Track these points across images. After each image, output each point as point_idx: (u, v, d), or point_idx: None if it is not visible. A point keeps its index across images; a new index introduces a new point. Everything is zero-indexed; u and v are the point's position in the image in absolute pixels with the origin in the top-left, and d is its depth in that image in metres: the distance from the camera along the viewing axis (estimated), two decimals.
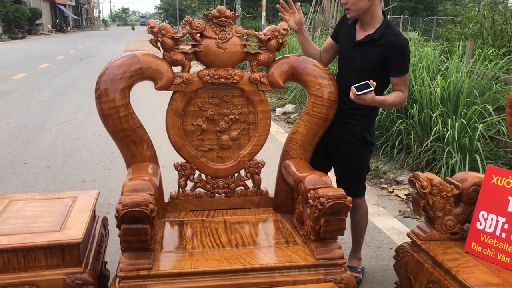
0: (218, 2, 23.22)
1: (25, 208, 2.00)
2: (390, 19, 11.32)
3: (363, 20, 2.29)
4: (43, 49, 21.21)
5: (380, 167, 4.50)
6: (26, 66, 13.55)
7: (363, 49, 2.29)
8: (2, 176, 4.12)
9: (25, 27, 35.34)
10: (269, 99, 8.53)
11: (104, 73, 2.04)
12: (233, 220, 2.18)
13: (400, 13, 24.43)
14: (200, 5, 29.78)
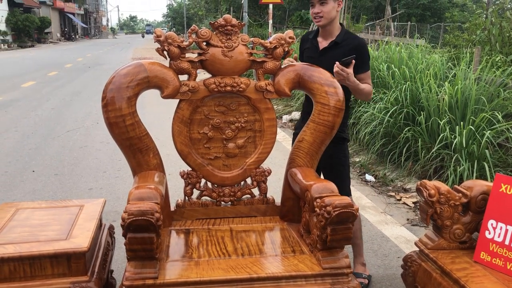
0: (225, 10, 23.35)
1: (32, 216, 2.01)
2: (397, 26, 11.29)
3: (327, 30, 2.55)
4: (52, 57, 21.42)
5: (387, 175, 4.47)
6: (35, 74, 13.68)
7: (329, 54, 2.52)
8: (10, 183, 4.14)
9: (34, 36, 35.75)
10: (275, 106, 8.56)
11: (111, 82, 2.04)
12: (239, 228, 2.17)
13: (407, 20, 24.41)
14: (207, 13, 29.97)
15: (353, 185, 4.32)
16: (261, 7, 19.62)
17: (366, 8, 30.82)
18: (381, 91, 5.15)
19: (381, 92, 5.11)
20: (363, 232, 3.25)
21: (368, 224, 3.42)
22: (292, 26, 21.79)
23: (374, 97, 5.16)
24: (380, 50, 6.22)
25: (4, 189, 4.02)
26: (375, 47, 6.81)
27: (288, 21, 24.00)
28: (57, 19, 46.25)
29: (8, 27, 31.47)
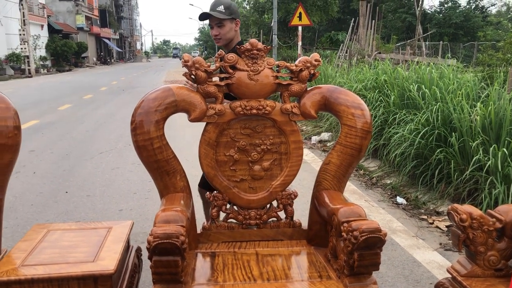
0: (255, 34, 23.66)
1: (62, 237, 2.05)
2: (428, 45, 11.18)
3: (228, 48, 2.82)
4: (88, 81, 22.12)
5: (419, 197, 4.37)
6: (71, 97, 14.14)
7: None
8: (44, 204, 4.25)
9: (72, 60, 37.10)
10: (304, 127, 8.54)
11: (140, 106, 2.09)
12: (265, 252, 2.15)
13: (439, 39, 24.16)
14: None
15: (384, 208, 4.23)
16: (290, 29, 19.80)
17: (397, 28, 30.69)
18: (412, 112, 5.07)
19: (412, 113, 5.03)
20: (394, 257, 3.18)
21: (399, 249, 3.33)
22: (321, 47, 21.88)
23: (405, 118, 5.09)
24: (411, 71, 6.15)
25: (38, 210, 4.13)
26: (405, 68, 6.74)
27: (318, 43, 24.11)
28: (93, 44, 47.91)
29: (48, 53, 32.79)
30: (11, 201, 4.35)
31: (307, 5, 19.92)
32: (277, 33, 15.98)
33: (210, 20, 2.77)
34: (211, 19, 2.76)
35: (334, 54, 15.41)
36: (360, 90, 6.40)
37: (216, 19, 2.75)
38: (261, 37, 21.59)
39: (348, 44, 13.89)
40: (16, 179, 5.12)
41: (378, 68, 6.83)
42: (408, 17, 28.99)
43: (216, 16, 2.74)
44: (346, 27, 16.18)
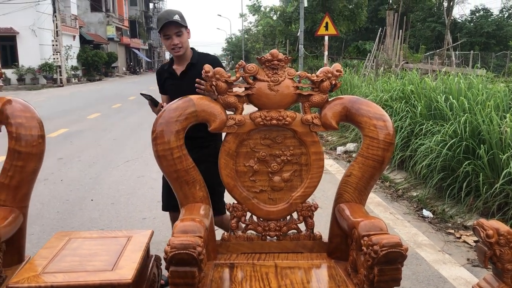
0: (280, 43, 23.72)
1: (83, 246, 2.07)
2: (458, 55, 10.90)
3: (183, 56, 2.78)
4: (117, 90, 22.55)
5: (446, 211, 4.25)
6: (100, 106, 14.44)
7: (188, 76, 2.72)
8: (70, 212, 4.33)
9: (102, 70, 37.92)
10: (330, 137, 8.47)
11: (161, 116, 2.11)
12: (284, 264, 2.12)
13: (470, 48, 23.70)
14: (265, 46, 30.56)
15: (409, 221, 4.14)
16: (317, 39, 19.75)
17: (426, 37, 30.28)
18: (439, 123, 4.96)
19: (439, 124, 4.92)
20: (418, 272, 3.10)
21: (424, 263, 3.24)
22: (348, 57, 21.75)
23: (432, 129, 4.98)
24: (438, 81, 6.03)
25: (64, 217, 4.21)
26: (433, 78, 6.62)
27: (345, 52, 23.99)
28: (123, 54, 48.93)
29: (79, 63, 33.63)
30: (38, 208, 4.45)
31: (334, 15, 19.87)
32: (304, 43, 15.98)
33: (168, 30, 2.67)
34: (168, 28, 2.66)
35: (361, 64, 15.30)
36: (386, 100, 6.31)
37: (175, 28, 2.67)
38: (287, 47, 21.62)
39: (375, 54, 13.76)
40: (44, 186, 5.24)
41: (405, 78, 6.73)
42: (438, 26, 28.58)
43: (180, 22, 2.68)
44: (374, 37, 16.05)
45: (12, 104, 2.09)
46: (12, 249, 2.10)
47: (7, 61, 26.72)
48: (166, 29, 2.67)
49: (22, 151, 2.04)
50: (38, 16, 26.59)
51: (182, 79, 2.78)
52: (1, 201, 2.07)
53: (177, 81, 2.80)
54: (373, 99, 6.72)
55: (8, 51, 26.99)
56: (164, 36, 2.71)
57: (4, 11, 24.98)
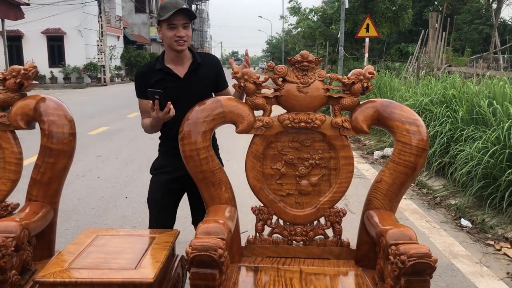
0: (321, 45, 23.51)
1: (109, 243, 2.09)
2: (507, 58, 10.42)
3: (183, 54, 2.42)
4: None
5: (486, 221, 4.07)
6: None
7: (194, 76, 2.43)
8: (104, 209, 4.42)
9: None
10: (367, 141, 8.31)
11: (189, 116, 2.11)
12: (309, 270, 2.07)
13: None
14: (304, 48, 30.40)
15: (446, 230, 3.99)
16: (357, 41, 19.44)
17: (473, 40, 29.26)
18: (481, 128, 4.75)
19: (480, 130, 4.72)
20: (453, 283, 2.97)
21: (460, 275, 3.10)
22: (390, 60, 21.30)
23: (473, 134, 4.78)
24: (481, 85, 5.79)
25: (98, 214, 4.30)
26: (476, 82, 6.37)
27: (387, 54, 23.53)
28: None
29: (122, 62, 34.51)
30: (75, 203, 4.57)
31: (377, 17, 19.48)
32: (344, 44, 15.77)
33: (175, 19, 2.29)
34: (177, 17, 2.29)
35: (403, 67, 14.94)
36: (426, 104, 6.12)
37: (183, 19, 2.32)
38: (327, 48, 21.40)
39: (418, 57, 13.41)
40: (81, 182, 5.38)
41: (446, 82, 6.51)
42: (485, 29, 27.55)
43: (191, 13, 2.36)
44: (417, 39, 15.62)
45: (45, 102, 2.14)
46: (43, 243, 2.15)
47: (55, 60, 27.73)
48: (173, 18, 2.29)
49: (53, 148, 2.09)
50: (85, 17, 27.47)
51: (187, 80, 2.42)
52: (32, 196, 2.12)
53: (180, 83, 2.41)
54: (412, 103, 6.53)
55: (56, 50, 28.01)
56: (169, 26, 2.31)
57: (53, 12, 25.95)
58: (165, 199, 2.57)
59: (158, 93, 2.16)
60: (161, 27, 2.36)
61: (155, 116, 2.21)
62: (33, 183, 2.13)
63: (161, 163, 2.58)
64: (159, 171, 2.58)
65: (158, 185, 2.56)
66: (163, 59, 2.47)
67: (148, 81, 2.41)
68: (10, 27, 22.97)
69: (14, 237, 1.77)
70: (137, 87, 2.48)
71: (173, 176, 2.50)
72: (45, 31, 27.32)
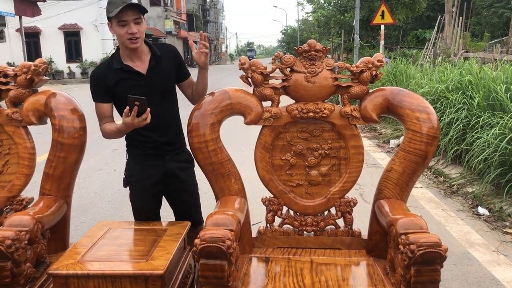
0: (336, 34, 23.28)
1: (121, 235, 2.12)
2: None
3: (140, 49, 2.25)
4: None
5: (504, 209, 4.00)
6: None
7: (157, 70, 2.29)
8: (120, 201, 4.47)
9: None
10: (383, 130, 8.22)
11: (196, 109, 2.12)
12: (320, 261, 2.07)
13: None
14: (320, 37, 30.13)
15: (463, 218, 3.93)
16: (373, 28, 19.20)
17: (493, 24, 28.62)
18: (498, 114, 4.66)
19: (497, 116, 4.62)
20: (469, 272, 2.94)
21: (476, 264, 3.06)
22: (407, 47, 21.00)
23: (490, 121, 4.69)
24: (499, 70, 5.67)
25: (114, 206, 4.35)
26: (494, 67, 6.23)
27: (403, 41, 23.18)
28: (181, 47, 49.94)
29: None
30: (92, 196, 4.63)
31: (392, 3, 19.20)
32: (360, 32, 15.59)
33: (125, 15, 2.12)
34: (126, 13, 2.12)
35: (419, 54, 14.72)
36: (442, 91, 6.02)
37: (133, 14, 2.14)
38: (343, 36, 21.18)
39: (434, 43, 13.19)
40: (98, 175, 5.46)
41: (462, 68, 6.38)
42: (506, 12, 26.89)
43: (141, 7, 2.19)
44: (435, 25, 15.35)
45: (56, 97, 2.17)
46: (57, 236, 2.20)
47: (72, 55, 28.03)
48: (122, 14, 2.11)
49: (64, 142, 2.12)
50: (100, 12, 27.59)
51: (151, 76, 2.27)
52: (46, 191, 2.16)
53: (145, 81, 2.26)
54: (428, 90, 6.43)
55: (73, 46, 28.29)
56: (119, 23, 2.14)
57: (69, 8, 26.22)
58: (153, 205, 2.50)
59: (139, 100, 2.00)
60: (112, 23, 2.18)
61: (129, 122, 2.04)
62: (45, 177, 2.16)
63: (137, 168, 2.41)
64: (137, 178, 2.40)
65: (143, 193, 2.41)
66: (119, 57, 2.27)
67: (107, 83, 2.24)
68: (27, 24, 23.31)
69: (28, 231, 1.81)
70: (93, 91, 2.28)
71: (156, 178, 2.39)
72: (62, 27, 27.60)
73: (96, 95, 2.28)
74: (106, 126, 2.28)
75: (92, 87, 2.29)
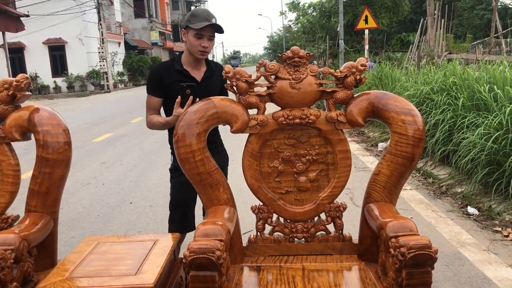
0: (322, 40, 23.44)
1: (110, 250, 2.09)
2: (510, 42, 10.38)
3: (201, 60, 2.65)
4: None
5: (493, 207, 4.03)
6: (143, 110, 14.69)
7: (209, 82, 2.64)
8: (109, 214, 4.43)
9: (147, 74, 38.75)
10: (371, 133, 8.26)
11: (182, 119, 2.11)
12: (312, 267, 2.06)
13: None
14: (305, 43, 30.33)
15: (453, 219, 3.95)
16: (358, 33, 19.37)
17: (474, 26, 29.08)
18: (482, 114, 4.71)
19: (482, 116, 4.67)
20: (461, 272, 2.95)
21: (468, 263, 3.07)
22: (391, 50, 21.20)
23: (475, 121, 4.73)
24: (481, 70, 5.74)
25: (104, 220, 4.31)
26: (477, 68, 6.31)
27: (388, 45, 23.42)
28: (167, 58, 49.87)
29: (125, 68, 34.61)
30: (80, 211, 4.57)
31: (376, 7, 19.42)
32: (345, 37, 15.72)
33: (205, 31, 2.51)
34: (207, 30, 2.51)
35: (404, 57, 14.86)
36: (427, 93, 6.08)
37: (210, 32, 2.55)
38: (328, 42, 21.34)
39: (418, 46, 13.33)
40: (86, 190, 5.40)
41: (446, 69, 6.45)
42: (487, 14, 27.34)
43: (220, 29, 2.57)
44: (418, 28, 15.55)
45: (39, 113, 2.14)
46: (44, 253, 2.15)
47: (58, 70, 27.88)
48: (203, 29, 2.50)
49: (49, 158, 2.08)
50: (85, 25, 27.58)
51: (203, 85, 2.63)
52: (31, 207, 2.12)
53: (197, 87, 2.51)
54: (413, 92, 6.49)
55: (58, 60, 28.15)
56: (196, 35, 2.52)
57: (53, 22, 26.08)
58: (189, 199, 2.78)
59: (191, 86, 2.35)
60: (188, 32, 2.57)
61: (180, 111, 2.33)
62: (31, 194, 2.13)
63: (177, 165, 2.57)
64: (178, 173, 2.66)
65: (179, 186, 2.72)
66: (181, 61, 2.65)
67: (164, 80, 2.60)
68: (11, 39, 23.15)
69: (13, 249, 1.77)
70: (150, 84, 2.66)
71: None
72: (46, 41, 27.48)
73: (151, 88, 2.66)
74: (153, 117, 2.69)
75: (149, 80, 2.68)
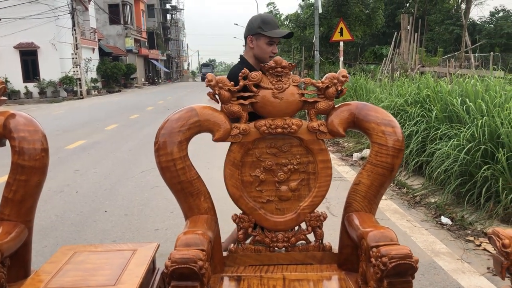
0: (297, 50, 23.68)
1: (87, 260, 2.04)
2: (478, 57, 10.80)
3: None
4: (135, 101, 22.78)
5: (465, 217, 4.12)
6: (118, 117, 14.58)
7: None
8: (83, 224, 4.34)
9: (121, 81, 38.38)
10: (346, 143, 8.37)
11: (163, 127, 2.08)
12: (292, 277, 2.06)
13: (490, 50, 23.30)
14: (281, 53, 30.57)
15: (427, 228, 4.02)
16: (333, 45, 19.65)
17: (445, 40, 29.91)
18: (455, 126, 4.83)
19: (455, 128, 4.79)
20: (436, 282, 2.99)
21: (442, 273, 3.13)
22: (365, 62, 21.58)
23: (448, 132, 4.85)
24: (454, 84, 5.90)
25: (77, 229, 4.21)
26: (449, 81, 6.48)
27: (361, 57, 23.83)
28: (142, 65, 49.50)
29: (99, 75, 34.14)
30: (53, 220, 4.47)
31: (351, 20, 19.75)
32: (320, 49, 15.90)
33: (276, 39, 2.75)
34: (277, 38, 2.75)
35: (377, 69, 15.15)
36: (401, 105, 6.20)
37: (278, 39, 2.77)
38: (303, 53, 21.57)
39: (392, 58, 13.61)
40: (59, 198, 5.28)
41: (419, 82, 6.61)
42: (456, 29, 28.18)
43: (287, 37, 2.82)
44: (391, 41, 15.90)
45: (15, 118, 2.08)
46: (17, 263, 2.09)
47: (29, 75, 27.29)
48: (276, 37, 2.73)
49: (25, 165, 2.03)
50: (58, 31, 27.12)
51: None
52: (5, 216, 2.06)
53: None
54: (388, 104, 6.61)
55: (30, 65, 27.56)
56: (269, 42, 2.74)
57: (25, 26, 25.56)
58: None
59: None
60: (259, 39, 2.74)
61: None
62: (5, 202, 2.06)
63: None
64: None
65: None
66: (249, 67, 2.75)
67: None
68: None
69: None
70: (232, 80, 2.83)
71: None
72: (17, 46, 26.90)
73: None
74: None
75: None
